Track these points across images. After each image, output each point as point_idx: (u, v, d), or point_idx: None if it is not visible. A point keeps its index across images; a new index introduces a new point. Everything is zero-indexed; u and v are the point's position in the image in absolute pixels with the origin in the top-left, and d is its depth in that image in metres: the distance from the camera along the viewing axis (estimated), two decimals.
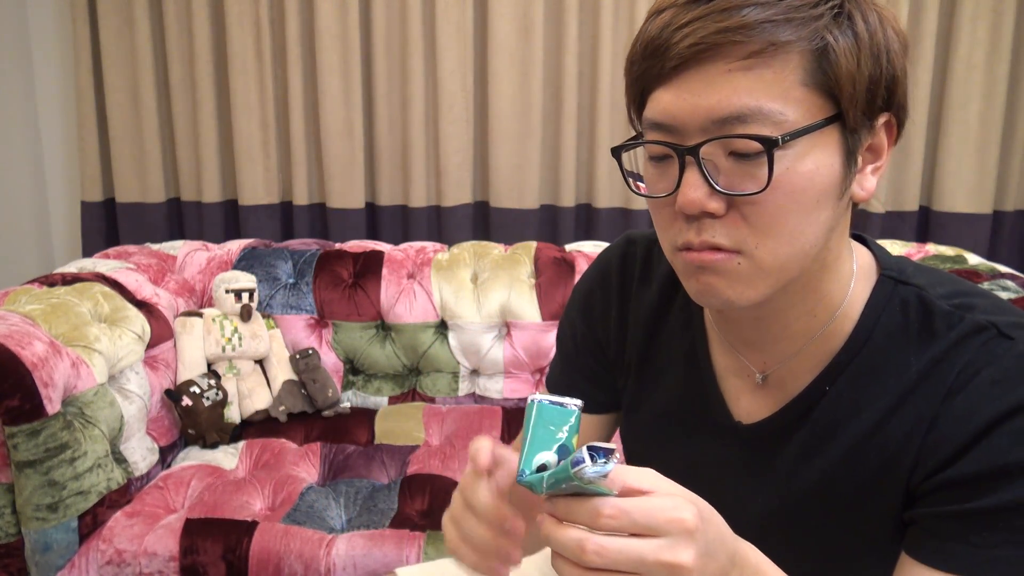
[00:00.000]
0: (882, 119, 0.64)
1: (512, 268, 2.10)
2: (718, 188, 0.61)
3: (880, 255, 0.72)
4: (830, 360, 0.70)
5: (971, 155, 2.35)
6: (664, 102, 0.62)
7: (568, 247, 2.19)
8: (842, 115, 0.61)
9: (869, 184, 0.65)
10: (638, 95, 0.65)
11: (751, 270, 0.63)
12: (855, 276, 0.70)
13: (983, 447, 0.61)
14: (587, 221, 2.50)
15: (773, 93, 0.59)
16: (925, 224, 2.47)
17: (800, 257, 0.63)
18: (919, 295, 0.68)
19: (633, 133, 0.68)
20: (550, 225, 2.50)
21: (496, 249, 2.17)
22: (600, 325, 0.86)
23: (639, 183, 0.68)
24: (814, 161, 0.61)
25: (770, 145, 0.59)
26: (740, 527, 0.75)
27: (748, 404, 0.75)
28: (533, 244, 2.17)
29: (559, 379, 0.91)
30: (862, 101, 0.61)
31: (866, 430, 0.68)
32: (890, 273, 0.70)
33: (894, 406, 0.66)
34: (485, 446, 0.60)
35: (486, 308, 2.06)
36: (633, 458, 0.87)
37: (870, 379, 0.68)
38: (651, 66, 0.62)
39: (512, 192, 2.44)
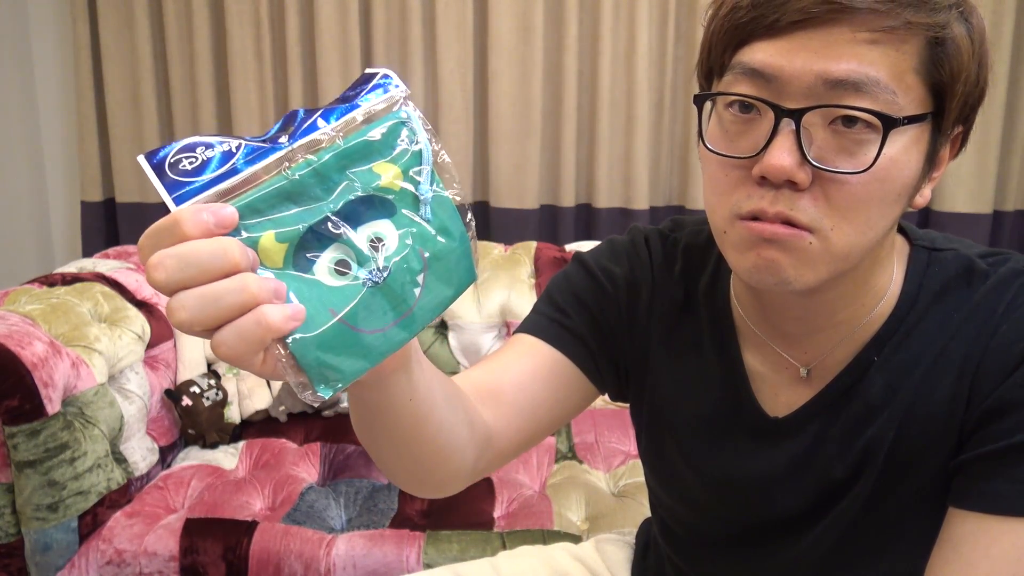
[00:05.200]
0: (957, 130, 0.61)
1: (512, 268, 2.10)
2: (811, 160, 0.56)
3: (908, 229, 0.72)
4: (874, 334, 0.68)
5: (971, 155, 2.35)
6: (768, 53, 0.56)
7: (568, 247, 2.19)
8: (941, 114, 0.58)
9: (928, 191, 0.63)
10: (733, 41, 0.59)
11: (820, 252, 0.58)
12: (895, 262, 0.69)
13: (1022, 373, 0.60)
14: (587, 221, 2.50)
15: (892, 72, 0.55)
16: (925, 224, 2.47)
17: (866, 247, 0.60)
18: (957, 256, 0.68)
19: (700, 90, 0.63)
20: (550, 225, 2.50)
21: (496, 249, 2.17)
22: (612, 313, 0.79)
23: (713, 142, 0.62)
24: (907, 155, 0.58)
25: (889, 124, 0.55)
26: (794, 521, 0.71)
27: (788, 398, 0.72)
28: (533, 244, 2.17)
29: (540, 317, 0.79)
30: (959, 105, 0.58)
31: (917, 387, 0.66)
32: (923, 243, 0.70)
33: (938, 355, 0.65)
34: None
35: (486, 308, 2.06)
36: (665, 473, 0.82)
37: (916, 339, 0.66)
38: (763, 15, 0.56)
39: (512, 192, 2.43)
